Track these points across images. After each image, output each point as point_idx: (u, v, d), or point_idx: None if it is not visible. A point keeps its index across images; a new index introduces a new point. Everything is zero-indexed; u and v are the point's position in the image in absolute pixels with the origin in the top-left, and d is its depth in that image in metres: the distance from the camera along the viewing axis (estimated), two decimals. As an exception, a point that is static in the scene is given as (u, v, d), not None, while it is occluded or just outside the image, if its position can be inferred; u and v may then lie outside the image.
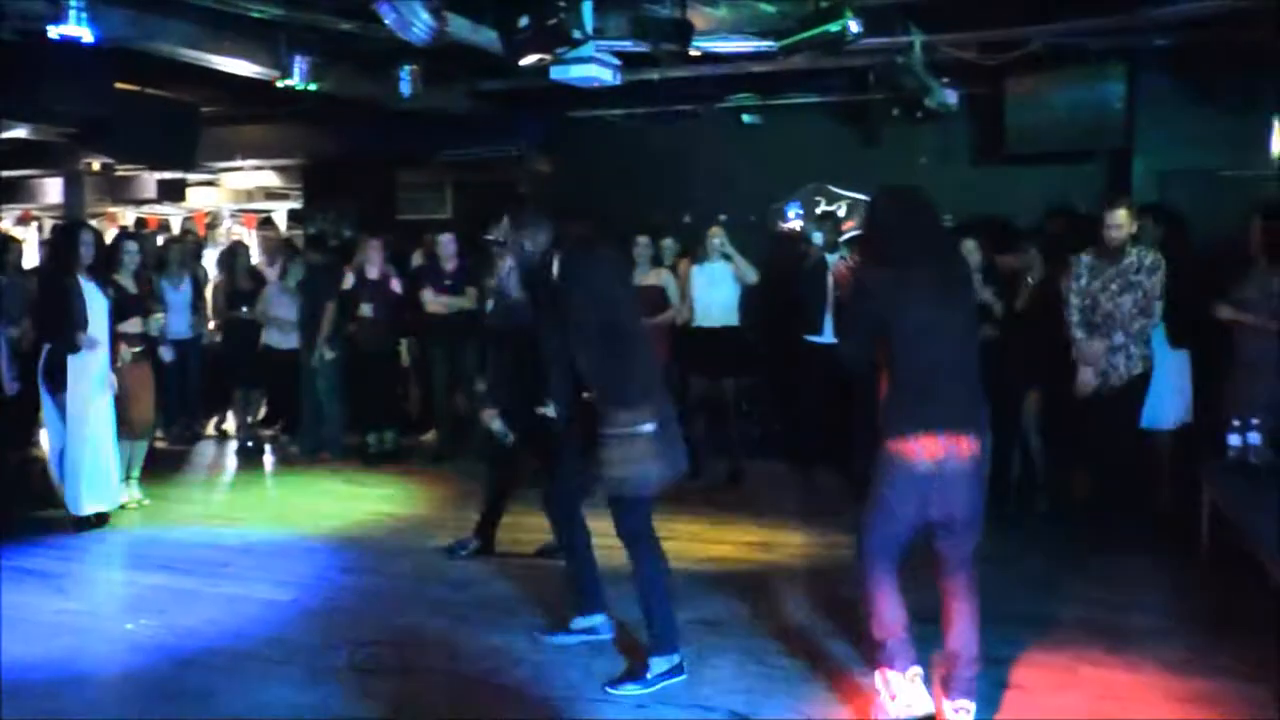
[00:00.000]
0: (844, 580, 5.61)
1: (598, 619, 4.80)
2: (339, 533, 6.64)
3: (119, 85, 8.28)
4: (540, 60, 6.44)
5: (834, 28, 6.49)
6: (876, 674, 3.92)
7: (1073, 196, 7.90)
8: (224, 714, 4.05)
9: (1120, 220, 6.02)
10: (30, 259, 11.23)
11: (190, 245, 10.43)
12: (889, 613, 3.82)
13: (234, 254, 9.87)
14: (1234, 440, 5.47)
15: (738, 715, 3.99)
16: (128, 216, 14.07)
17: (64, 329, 6.45)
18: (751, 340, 8.38)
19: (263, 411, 9.94)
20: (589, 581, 4.82)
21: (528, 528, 6.12)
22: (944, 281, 3.78)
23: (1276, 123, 7.23)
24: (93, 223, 9.36)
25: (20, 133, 9.99)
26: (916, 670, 3.86)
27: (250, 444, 9.48)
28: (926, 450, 3.69)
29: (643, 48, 6.87)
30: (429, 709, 4.11)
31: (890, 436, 3.73)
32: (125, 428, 6.92)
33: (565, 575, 4.95)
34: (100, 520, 6.70)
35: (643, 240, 8.39)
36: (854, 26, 6.41)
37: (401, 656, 4.60)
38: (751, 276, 7.99)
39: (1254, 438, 5.41)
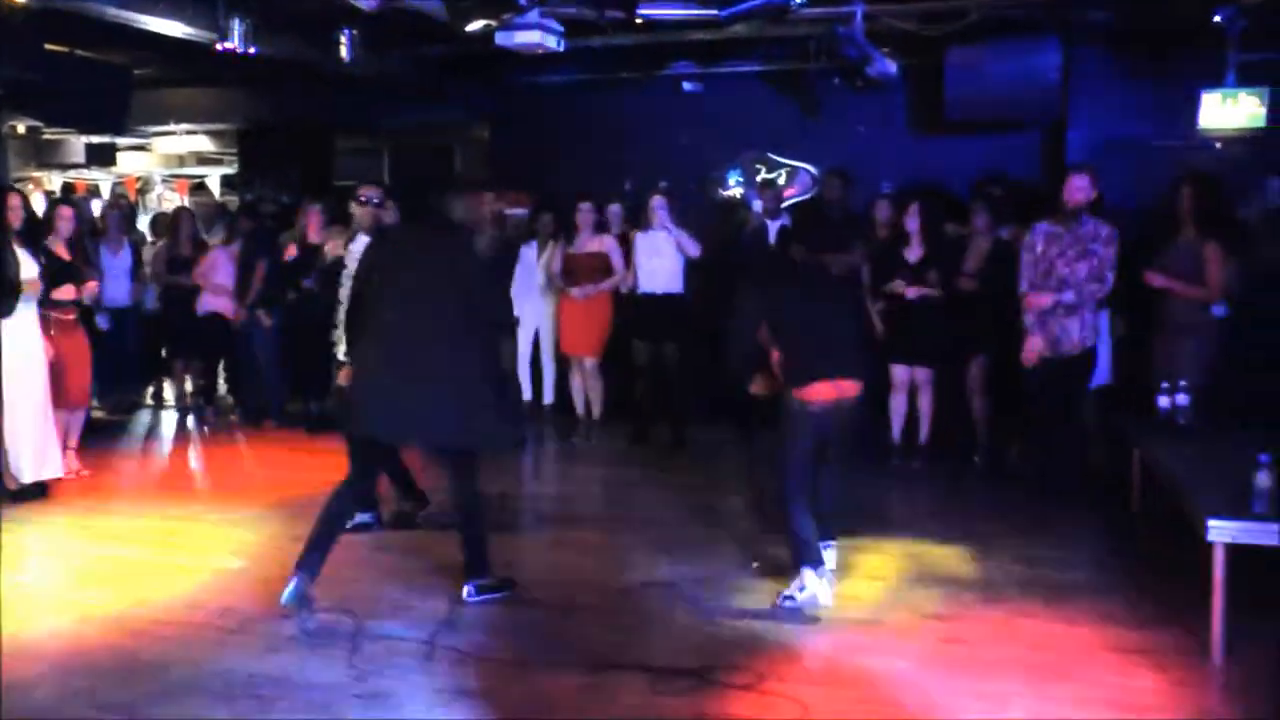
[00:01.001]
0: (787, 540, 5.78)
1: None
2: (287, 501, 6.60)
3: (48, 46, 8.07)
4: (485, 26, 6.42)
5: (776, -4, 6.55)
6: (799, 572, 4.75)
7: (1010, 166, 8.05)
8: (179, 685, 4.03)
9: (1080, 184, 6.15)
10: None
11: (126, 210, 10.22)
12: (806, 530, 4.77)
13: (177, 219, 9.69)
14: (1163, 402, 5.67)
15: (691, 674, 4.07)
16: (54, 181, 13.71)
17: None
18: (694, 307, 8.46)
19: (202, 381, 9.82)
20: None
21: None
22: (818, 281, 5.23)
23: (1204, 94, 7.42)
24: (18, 188, 9.13)
25: (-60, 95, 9.69)
26: (825, 570, 4.81)
27: (191, 412, 9.36)
28: (824, 393, 4.74)
29: (587, 14, 6.87)
30: (383, 675, 4.14)
31: (796, 387, 4.76)
32: (62, 397, 6.81)
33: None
34: (40, 491, 6.60)
35: (585, 206, 8.41)
36: (797, -5, 6.47)
37: (356, 623, 4.62)
38: (693, 250, 8.03)
39: (1181, 399, 5.61)
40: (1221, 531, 4.07)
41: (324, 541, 4.74)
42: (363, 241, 5.69)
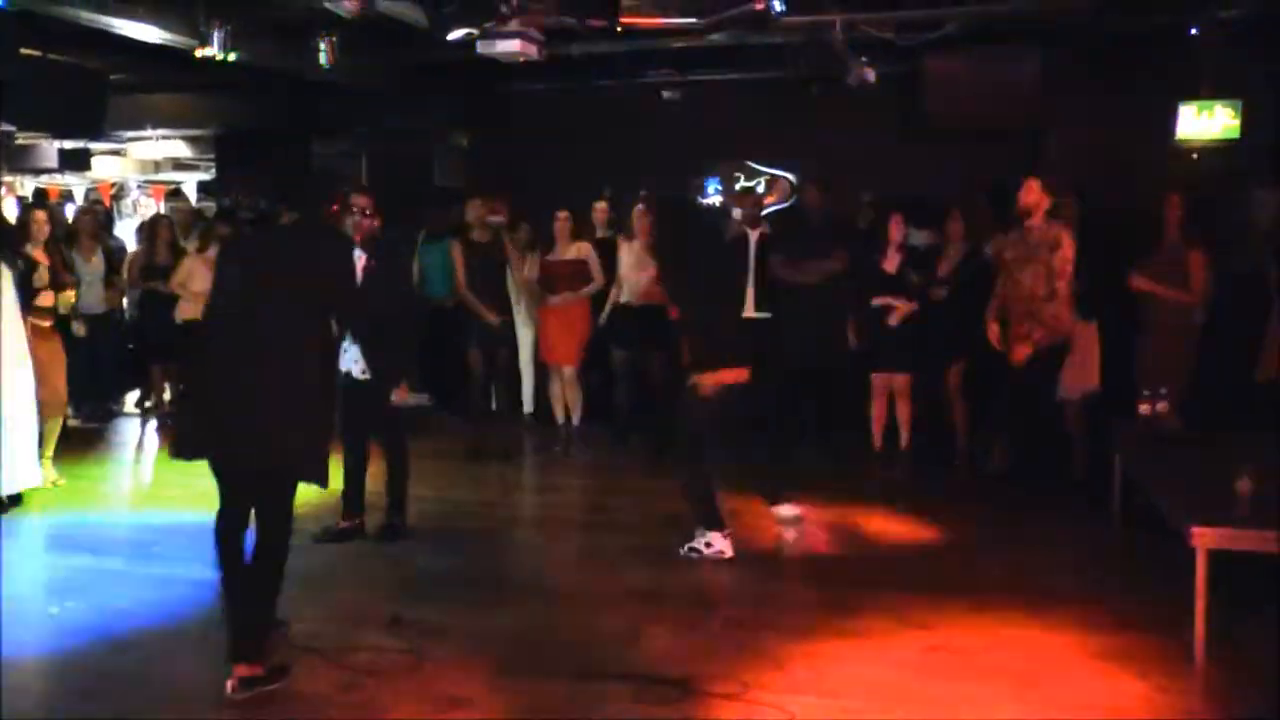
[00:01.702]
0: (776, 550, 5.80)
1: None
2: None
3: (22, 50, 7.99)
4: (466, 34, 6.41)
5: (758, 6, 6.57)
6: (708, 535, 5.49)
7: (990, 173, 8.10)
8: (160, 697, 3.99)
9: (1030, 187, 6.24)
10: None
11: (101, 216, 10.13)
12: (716, 499, 5.59)
13: (155, 225, 9.60)
14: (1144, 407, 5.71)
15: (675, 683, 4.06)
16: (26, 186, 13.58)
17: None
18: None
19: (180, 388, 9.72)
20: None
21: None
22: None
23: (1180, 105, 7.51)
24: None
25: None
26: (729, 531, 5.58)
27: (169, 421, 9.28)
28: (730, 377, 5.47)
29: (568, 22, 6.87)
30: (369, 684, 4.11)
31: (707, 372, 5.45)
32: (38, 405, 6.73)
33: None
34: (14, 502, 6.51)
35: (562, 215, 8.39)
36: (778, 4, 6.50)
37: (341, 633, 4.58)
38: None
39: (1162, 405, 5.65)
40: (1204, 537, 4.10)
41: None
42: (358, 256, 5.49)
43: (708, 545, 5.52)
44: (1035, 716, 3.83)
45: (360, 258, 5.44)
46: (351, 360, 5.71)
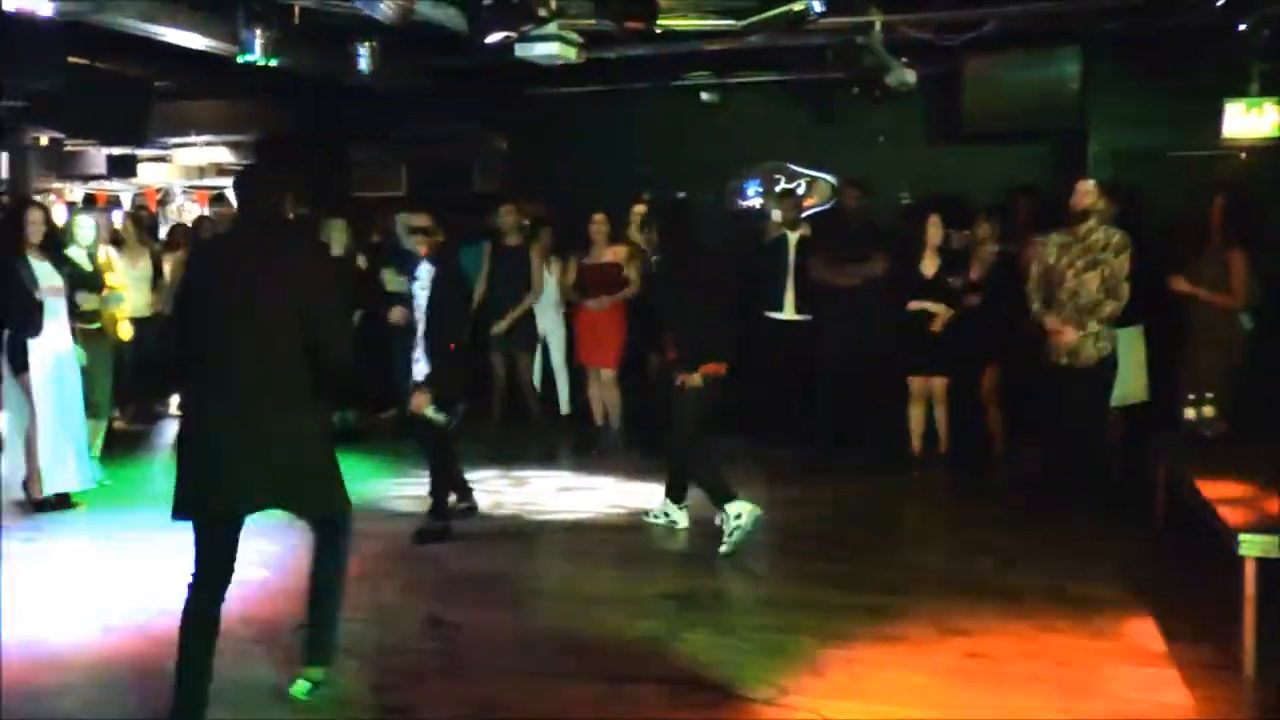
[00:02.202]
0: (813, 554, 5.76)
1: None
2: (306, 512, 6.61)
3: (70, 59, 8.12)
4: (505, 38, 6.43)
5: (796, 7, 6.55)
6: (730, 507, 5.67)
7: (1028, 176, 8.02)
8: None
9: (1086, 188, 6.13)
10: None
11: (146, 221, 10.27)
12: (723, 472, 5.92)
13: (198, 228, 9.72)
14: (1189, 413, 5.62)
15: (712, 687, 4.05)
16: (75, 192, 13.80)
17: (20, 313, 6.35)
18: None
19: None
20: None
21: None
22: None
23: (1226, 103, 7.39)
24: (39, 199, 9.17)
25: (-35, 107, 9.77)
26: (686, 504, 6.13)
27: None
28: (717, 371, 5.81)
29: (606, 26, 6.87)
30: (404, 687, 4.13)
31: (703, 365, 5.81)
32: (85, 407, 6.84)
33: None
34: (62, 502, 6.62)
35: (598, 218, 8.39)
36: (816, 5, 6.47)
37: (375, 634, 4.61)
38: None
39: (1208, 410, 5.56)
40: (1253, 545, 4.02)
41: (195, 673, 3.69)
42: (427, 269, 5.90)
43: (738, 518, 5.66)
44: (1077, 725, 3.78)
45: (429, 272, 5.85)
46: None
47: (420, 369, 5.97)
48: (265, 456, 3.64)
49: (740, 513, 5.68)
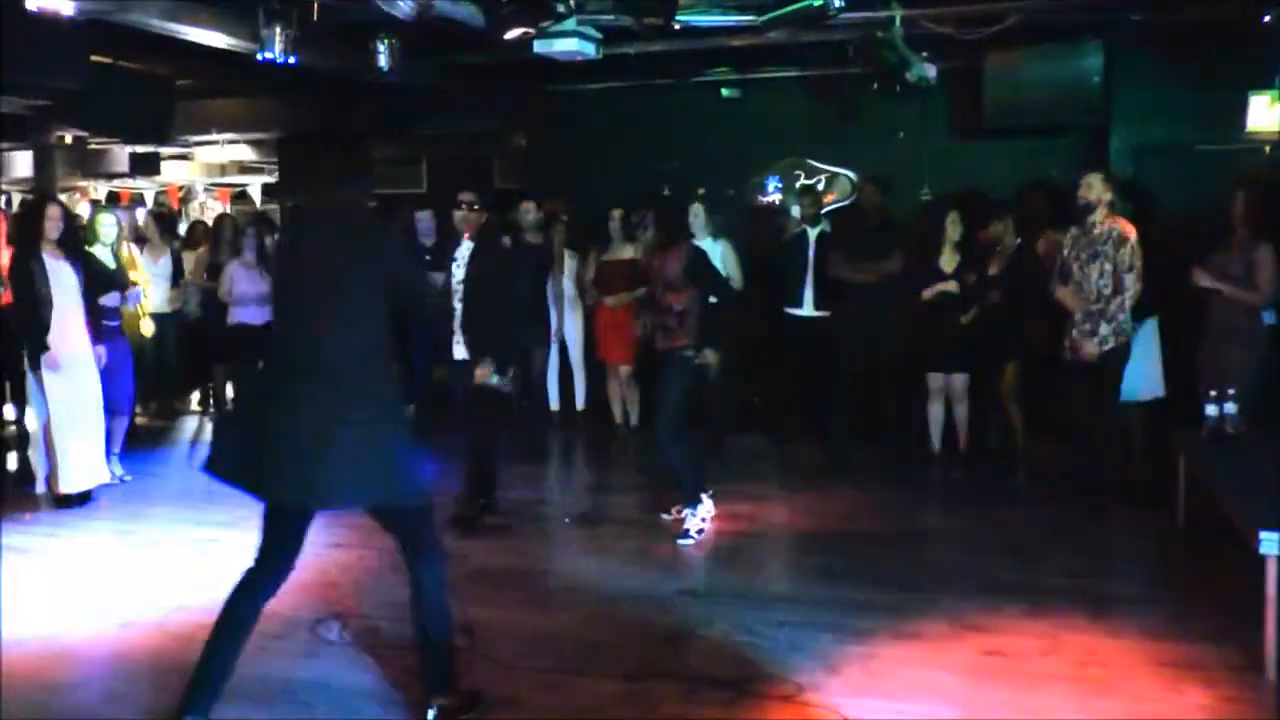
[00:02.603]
0: (831, 551, 5.74)
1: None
2: (325, 508, 6.63)
3: (93, 57, 8.17)
4: (523, 34, 6.44)
5: (816, 2, 6.51)
6: (699, 504, 5.98)
7: (1050, 170, 7.96)
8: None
9: (1090, 181, 6.14)
10: None
11: (168, 219, 10.33)
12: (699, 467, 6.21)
13: (220, 226, 9.77)
14: (1210, 410, 5.57)
15: (728, 684, 4.04)
16: (99, 190, 13.91)
17: (25, 311, 6.40)
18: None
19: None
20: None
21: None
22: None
23: (1251, 97, 7.32)
24: (62, 197, 9.25)
25: (-10, 105, 9.86)
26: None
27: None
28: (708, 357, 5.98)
29: (625, 22, 6.87)
30: (420, 683, 4.14)
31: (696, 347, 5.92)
32: (106, 404, 6.89)
33: None
34: (83, 498, 6.68)
35: (617, 214, 8.37)
36: (837, 1, 6.43)
37: (393, 630, 4.62)
38: (734, 284, 7.90)
39: (1229, 407, 5.50)
40: (1274, 543, 3.98)
41: (220, 662, 3.65)
42: (467, 247, 6.09)
43: (703, 522, 6.01)
44: (1095, 724, 3.75)
45: (468, 250, 6.06)
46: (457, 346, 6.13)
47: (460, 350, 6.09)
48: (348, 451, 3.49)
49: (710, 514, 6.07)
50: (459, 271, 6.07)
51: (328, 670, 4.23)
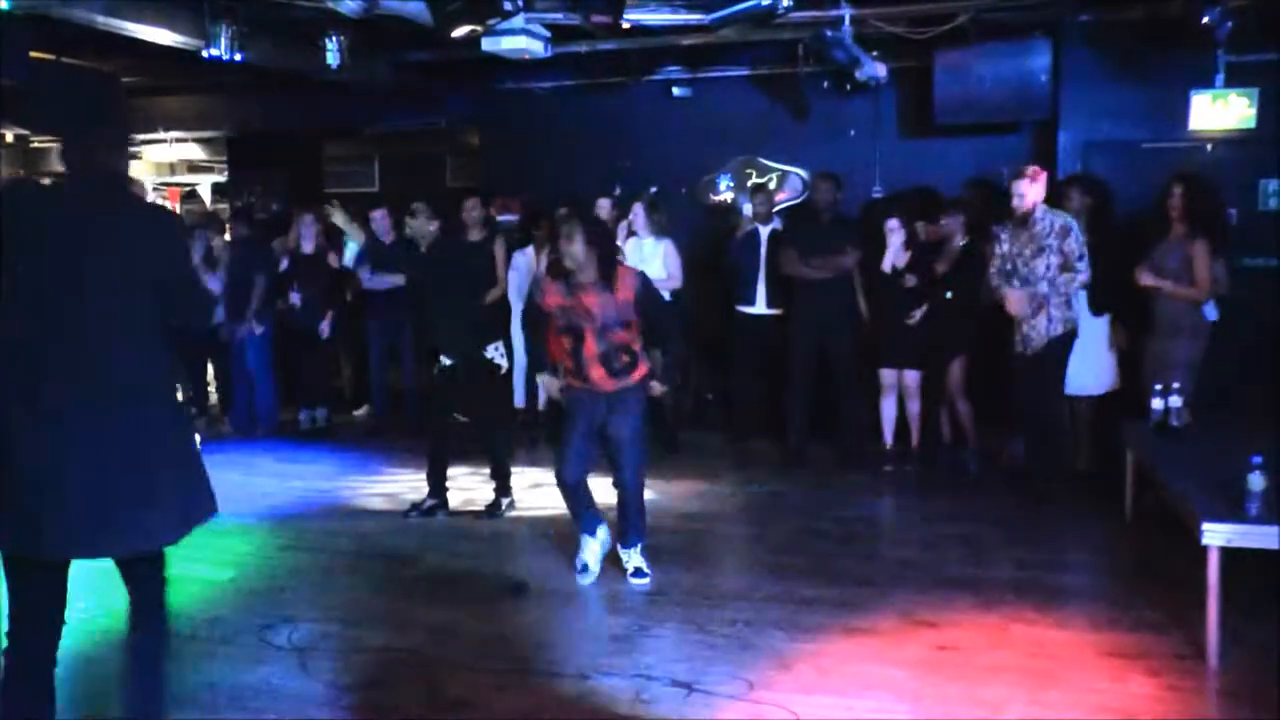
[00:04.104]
0: (784, 548, 5.76)
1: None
2: (276, 511, 6.58)
3: (34, 54, 8.01)
4: (471, 32, 6.38)
5: (764, 1, 6.51)
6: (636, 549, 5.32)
7: (1000, 167, 8.02)
8: (169, 695, 3.99)
9: (1022, 190, 6.19)
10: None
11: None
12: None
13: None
14: (1156, 404, 5.65)
15: (680, 683, 4.04)
16: (44, 190, 13.64)
17: None
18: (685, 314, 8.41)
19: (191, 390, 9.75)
20: None
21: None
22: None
23: (1194, 95, 7.43)
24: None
25: (-73, 104, 9.64)
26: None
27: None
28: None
29: (574, 20, 6.83)
30: (373, 686, 4.10)
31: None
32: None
33: None
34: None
35: (563, 212, 8.30)
36: (785, 0, 6.44)
37: (345, 634, 4.58)
38: (673, 282, 7.86)
39: (1175, 401, 5.58)
40: (1216, 534, 4.04)
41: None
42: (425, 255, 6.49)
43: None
44: (1045, 715, 3.79)
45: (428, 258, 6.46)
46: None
47: (445, 358, 6.34)
48: (108, 480, 2.90)
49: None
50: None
51: (274, 676, 4.17)
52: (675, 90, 9.48)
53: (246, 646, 4.46)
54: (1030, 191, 6.19)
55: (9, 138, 11.95)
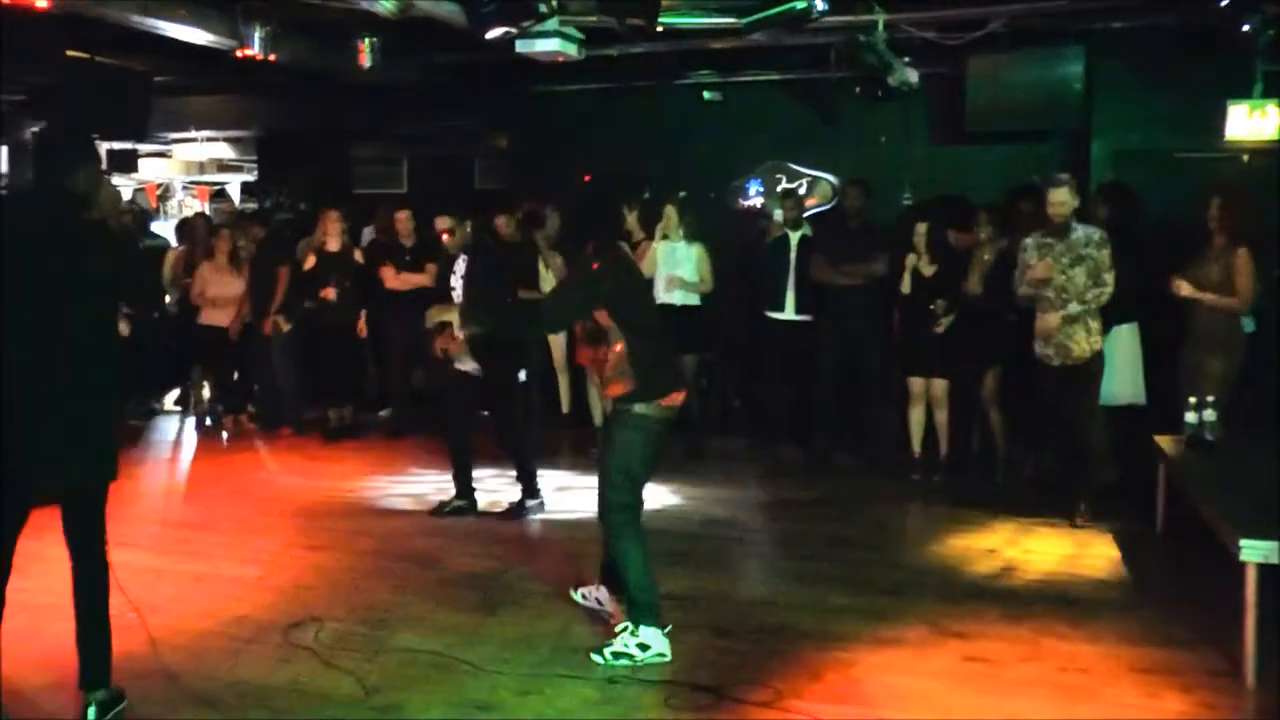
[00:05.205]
0: (811, 556, 5.73)
1: None
2: (302, 509, 6.59)
3: (69, 52, 8.09)
4: (505, 34, 6.39)
5: (799, 5, 6.49)
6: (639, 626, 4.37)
7: (1032, 176, 7.96)
8: (191, 695, 4.00)
9: (1061, 198, 6.10)
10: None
11: (139, 216, 10.23)
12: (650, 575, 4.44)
13: (194, 225, 9.69)
14: (1190, 417, 5.58)
15: (706, 689, 4.01)
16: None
17: None
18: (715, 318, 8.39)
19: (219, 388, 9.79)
20: None
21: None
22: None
23: (1229, 104, 7.35)
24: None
25: (-37, 100, 9.75)
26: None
27: (209, 420, 9.37)
28: (679, 401, 4.43)
29: (607, 23, 6.83)
30: (397, 687, 4.09)
31: (661, 396, 4.36)
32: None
33: None
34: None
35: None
36: (819, 4, 6.41)
37: (370, 635, 4.58)
38: (705, 286, 7.89)
39: (1209, 415, 5.51)
40: (1254, 551, 3.98)
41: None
42: (463, 260, 6.30)
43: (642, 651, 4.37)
44: (1075, 731, 3.74)
45: (464, 263, 6.27)
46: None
47: (469, 365, 6.29)
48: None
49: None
50: (459, 284, 6.27)
51: (301, 676, 4.16)
52: (706, 94, 9.47)
53: (272, 645, 4.46)
54: (1069, 200, 6.11)
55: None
